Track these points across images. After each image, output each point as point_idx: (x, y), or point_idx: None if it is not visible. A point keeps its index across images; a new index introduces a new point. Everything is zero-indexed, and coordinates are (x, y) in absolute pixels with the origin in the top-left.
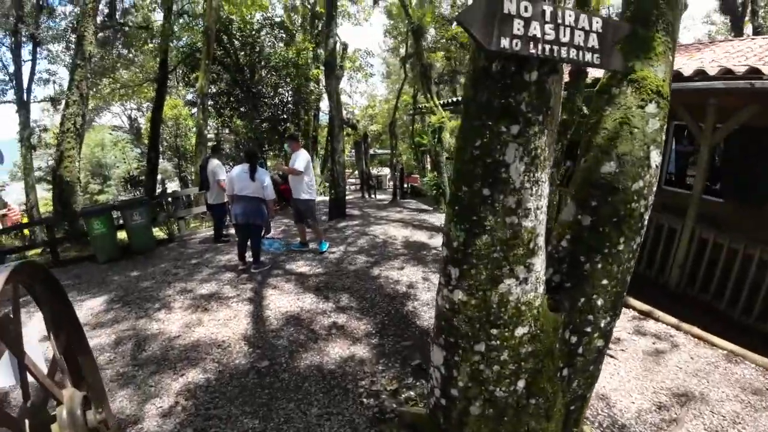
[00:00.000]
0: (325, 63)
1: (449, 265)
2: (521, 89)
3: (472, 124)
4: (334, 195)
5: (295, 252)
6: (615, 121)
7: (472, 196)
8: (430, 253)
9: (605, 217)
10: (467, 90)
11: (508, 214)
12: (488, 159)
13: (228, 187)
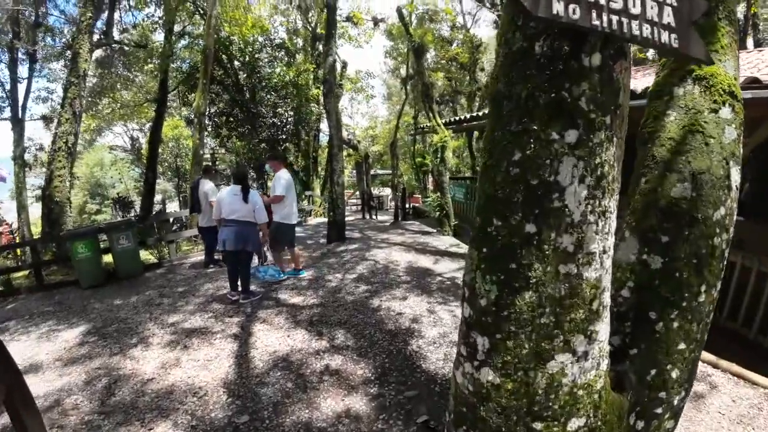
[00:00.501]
0: (324, 81)
1: (474, 332)
2: (580, 78)
3: (508, 131)
4: (333, 217)
5: (288, 280)
6: (683, 129)
7: (510, 234)
8: (435, 280)
9: (682, 258)
10: (496, 84)
11: (563, 260)
12: (533, 180)
13: (215, 211)
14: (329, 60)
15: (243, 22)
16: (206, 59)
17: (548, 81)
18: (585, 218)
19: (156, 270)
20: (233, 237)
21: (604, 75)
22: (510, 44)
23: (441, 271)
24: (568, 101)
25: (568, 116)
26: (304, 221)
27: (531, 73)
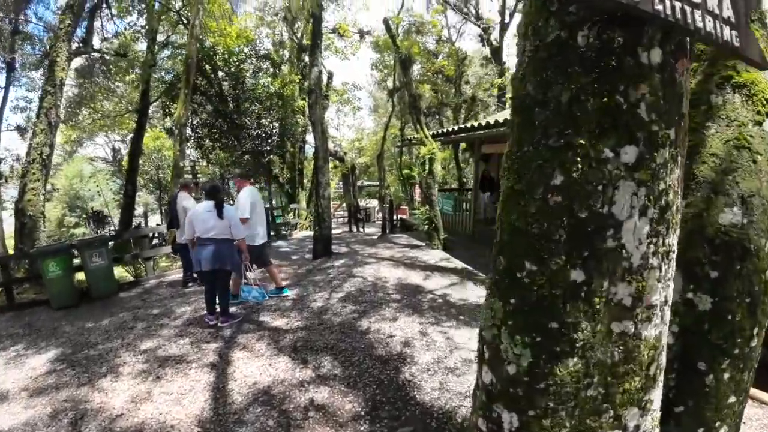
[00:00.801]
0: (309, 91)
1: (498, 405)
2: (638, 79)
3: (544, 145)
4: (319, 232)
5: (271, 300)
6: (726, 144)
7: (550, 283)
8: (426, 298)
9: (734, 297)
10: (522, 86)
11: (617, 316)
12: (582, 211)
13: (188, 230)
14: (315, 70)
15: (228, 32)
16: (188, 68)
17: (597, 81)
18: (646, 261)
19: (132, 289)
20: (210, 256)
21: (666, 76)
22: (541, 35)
23: (432, 288)
24: (624, 108)
25: (624, 128)
26: (289, 235)
27: (574, 71)
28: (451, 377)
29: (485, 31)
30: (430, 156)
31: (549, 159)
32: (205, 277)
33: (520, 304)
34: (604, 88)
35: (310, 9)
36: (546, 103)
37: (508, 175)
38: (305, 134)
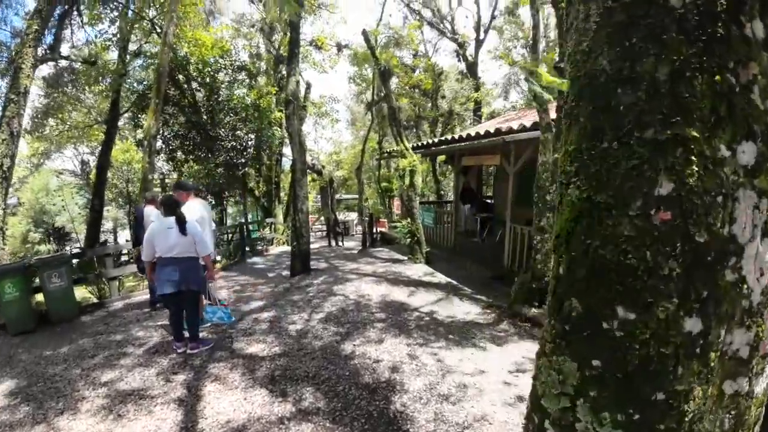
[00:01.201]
0: (286, 102)
1: None
2: (747, 55)
3: (638, 141)
4: (297, 247)
5: (244, 322)
6: None
7: (657, 339)
8: (412, 316)
9: None
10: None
11: (732, 372)
12: (700, 234)
13: (146, 251)
14: (292, 80)
15: (202, 42)
16: (160, 77)
17: (704, 53)
18: (766, 298)
19: (95, 312)
20: (174, 277)
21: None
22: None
23: (417, 305)
24: (736, 91)
25: (740, 118)
26: (265, 251)
27: (673, 39)
28: (446, 406)
29: (461, 46)
30: (411, 168)
31: (648, 159)
32: (170, 301)
33: (609, 367)
34: (713, 63)
35: (287, 18)
36: (635, 81)
37: (575, 182)
38: (282, 146)
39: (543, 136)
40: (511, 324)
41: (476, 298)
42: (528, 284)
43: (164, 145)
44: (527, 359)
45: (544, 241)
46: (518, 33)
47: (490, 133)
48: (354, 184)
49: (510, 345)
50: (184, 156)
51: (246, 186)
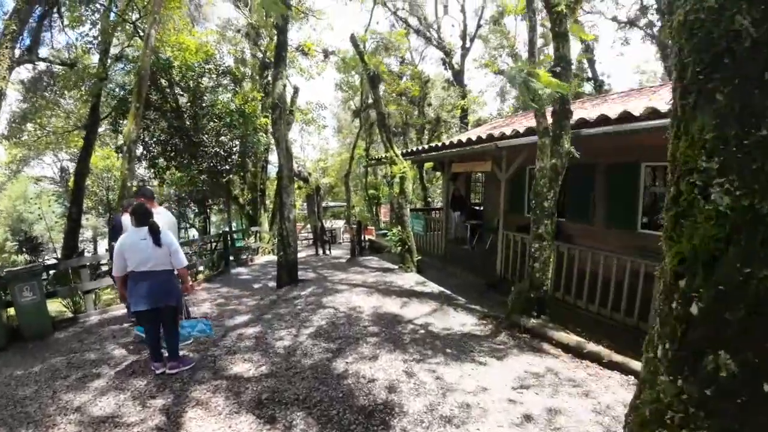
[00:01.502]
0: (273, 106)
1: None
2: None
3: None
4: (284, 257)
5: (227, 339)
6: None
7: None
8: (407, 329)
9: None
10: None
11: None
12: None
13: (117, 265)
14: (279, 84)
15: (186, 46)
16: (141, 81)
17: None
18: None
19: (69, 328)
20: (150, 292)
21: None
22: None
23: (411, 317)
24: None
25: None
26: (250, 260)
27: None
28: (450, 429)
29: (447, 54)
30: (402, 175)
31: None
32: (146, 318)
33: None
34: None
35: (274, 21)
36: None
37: (722, 184)
38: (268, 153)
39: (540, 140)
40: (509, 335)
41: (471, 308)
42: (526, 293)
43: (145, 152)
44: (530, 374)
45: (542, 249)
46: (503, 42)
47: (482, 139)
48: (340, 192)
49: (510, 359)
50: (166, 162)
51: (230, 193)
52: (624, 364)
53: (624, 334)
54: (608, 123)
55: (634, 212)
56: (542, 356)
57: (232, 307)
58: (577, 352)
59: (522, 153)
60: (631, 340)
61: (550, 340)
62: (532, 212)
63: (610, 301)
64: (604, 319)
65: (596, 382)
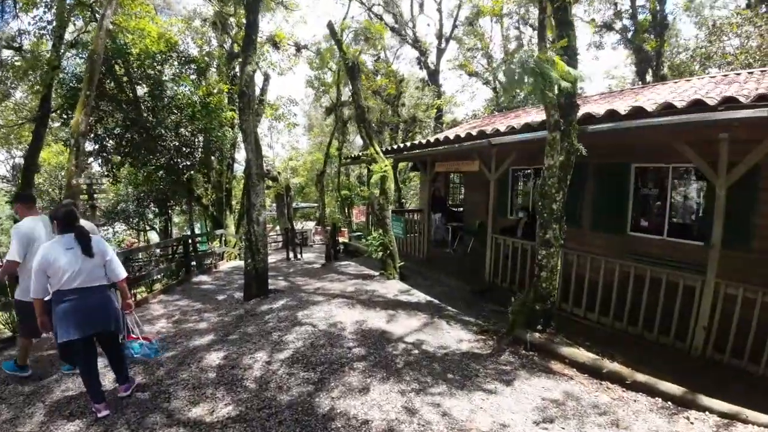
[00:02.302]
0: (240, 94)
1: None
2: None
3: None
4: (252, 266)
5: (185, 372)
6: None
7: None
8: (398, 349)
9: None
10: None
11: None
12: None
13: (37, 284)
14: (248, 69)
15: (147, 33)
16: (93, 65)
17: None
18: None
19: (5, 351)
20: (86, 315)
21: None
22: None
23: (400, 334)
24: None
25: None
26: (215, 267)
27: None
28: None
29: (423, 54)
30: (383, 174)
31: None
32: (81, 349)
33: None
34: None
35: None
36: None
37: None
38: (234, 150)
39: (551, 135)
40: (513, 353)
41: (464, 320)
42: (530, 305)
43: (97, 146)
44: (549, 401)
45: (550, 256)
46: (478, 44)
47: (473, 136)
48: (311, 192)
49: (522, 383)
50: (121, 158)
51: (192, 193)
52: (649, 384)
53: (635, 348)
54: (615, 119)
55: (623, 215)
56: (556, 378)
57: (191, 325)
58: (594, 371)
59: (513, 152)
60: (642, 353)
61: (561, 359)
62: (539, 215)
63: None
64: (609, 329)
65: (623, 408)
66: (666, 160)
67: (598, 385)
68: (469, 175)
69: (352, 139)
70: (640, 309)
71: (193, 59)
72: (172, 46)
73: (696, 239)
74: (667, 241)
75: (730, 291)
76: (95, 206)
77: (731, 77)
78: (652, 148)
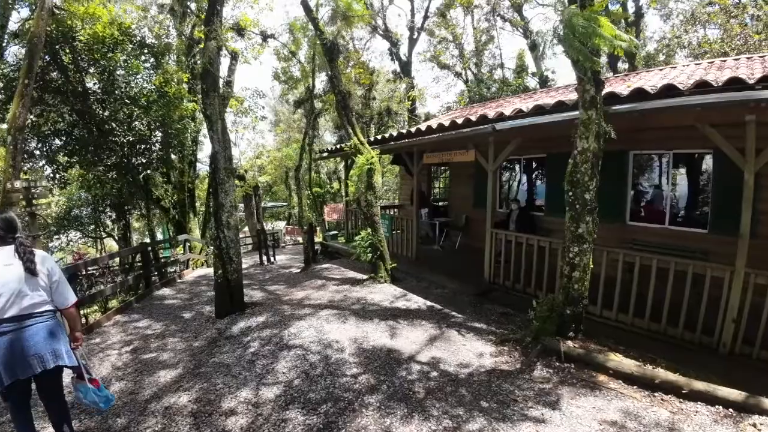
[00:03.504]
0: (203, 73)
1: None
2: None
3: None
4: (223, 277)
5: (151, 420)
6: None
7: None
8: (412, 373)
9: None
10: None
11: None
12: None
13: None
14: (212, 45)
15: (98, 17)
16: (32, 50)
17: None
18: None
19: None
20: (26, 350)
21: None
22: None
23: (410, 351)
24: None
25: None
26: (179, 277)
27: None
28: None
29: (394, 45)
30: (369, 166)
31: None
32: (18, 393)
33: None
34: None
35: None
36: None
37: None
38: (196, 146)
39: (586, 114)
40: (547, 367)
41: (476, 327)
42: (560, 309)
43: (41, 144)
44: (608, 424)
45: (582, 254)
46: (448, 36)
47: (472, 122)
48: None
49: (569, 404)
50: (68, 159)
51: (150, 194)
52: (708, 392)
53: (663, 347)
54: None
55: (623, 204)
56: (605, 395)
57: (153, 355)
58: (645, 382)
59: (516, 139)
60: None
61: (604, 370)
62: (570, 207)
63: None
64: (628, 327)
65: (686, 423)
66: (667, 146)
67: (651, 397)
68: (454, 168)
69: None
70: (663, 304)
71: (148, 44)
72: (124, 30)
73: (698, 227)
74: (670, 230)
75: (760, 281)
76: (35, 214)
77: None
78: (653, 134)
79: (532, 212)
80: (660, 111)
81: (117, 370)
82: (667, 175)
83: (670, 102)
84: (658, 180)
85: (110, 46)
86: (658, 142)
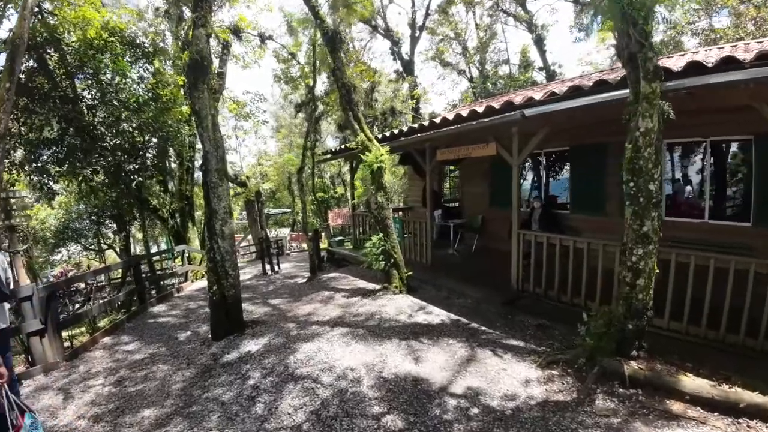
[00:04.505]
0: (191, 64)
1: None
2: None
3: None
4: (219, 293)
5: None
6: None
7: None
8: (448, 409)
9: None
10: None
11: None
12: None
13: None
14: (200, 33)
15: (88, 20)
16: (14, 52)
17: None
18: None
19: None
20: None
21: None
22: None
23: (441, 381)
24: None
25: None
26: (177, 291)
27: None
28: None
29: (396, 44)
30: (379, 165)
31: None
32: None
33: None
34: None
35: None
36: None
37: None
38: (193, 152)
39: (650, 86)
40: (609, 395)
41: (512, 345)
42: (620, 323)
43: (30, 155)
44: None
45: (648, 256)
46: (450, 33)
47: (495, 109)
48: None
49: None
50: (59, 168)
51: (144, 202)
52: None
53: (725, 358)
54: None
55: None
56: (684, 427)
57: (139, 387)
58: (727, 407)
59: (544, 128)
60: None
61: (677, 395)
62: (631, 200)
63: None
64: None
65: None
66: (703, 133)
67: (736, 425)
68: (466, 165)
69: (323, 138)
70: (723, 310)
71: (138, 44)
72: (113, 31)
73: (741, 220)
74: (710, 224)
75: None
76: (13, 227)
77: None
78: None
79: (558, 210)
80: (724, 86)
81: (96, 406)
82: (703, 164)
83: (733, 76)
84: (696, 170)
85: (99, 48)
86: (693, 129)
